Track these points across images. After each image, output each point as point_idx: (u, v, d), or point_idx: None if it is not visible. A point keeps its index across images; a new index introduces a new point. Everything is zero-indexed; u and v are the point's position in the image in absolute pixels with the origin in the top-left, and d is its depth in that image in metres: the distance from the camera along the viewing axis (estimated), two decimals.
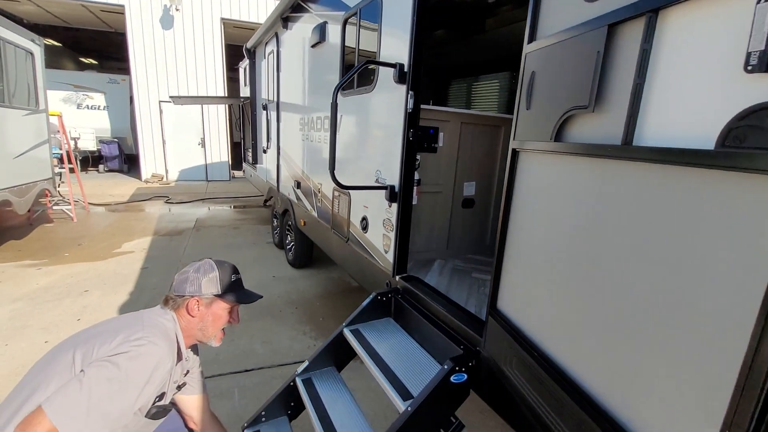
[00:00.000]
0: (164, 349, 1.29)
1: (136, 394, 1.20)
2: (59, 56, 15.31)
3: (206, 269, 1.47)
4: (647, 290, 0.89)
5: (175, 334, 1.40)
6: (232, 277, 1.51)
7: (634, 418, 0.93)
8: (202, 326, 1.46)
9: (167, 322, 1.40)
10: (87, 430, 1.11)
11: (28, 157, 5.79)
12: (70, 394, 1.10)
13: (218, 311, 1.47)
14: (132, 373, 1.18)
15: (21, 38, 5.65)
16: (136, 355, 1.20)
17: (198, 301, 1.43)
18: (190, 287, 1.43)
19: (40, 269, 4.80)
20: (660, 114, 0.87)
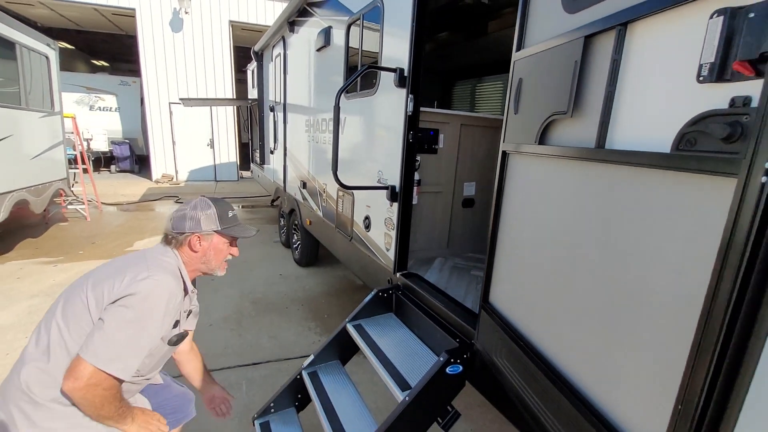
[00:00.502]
0: (172, 284, 1.35)
1: (157, 327, 1.31)
2: (72, 59, 15.63)
3: (203, 206, 1.50)
4: (618, 282, 0.97)
5: (179, 270, 1.46)
6: (228, 213, 1.54)
7: (606, 399, 1.01)
8: (206, 260, 1.52)
9: (170, 259, 1.45)
10: (127, 365, 1.25)
11: (44, 158, 5.97)
12: (98, 341, 1.20)
13: (219, 245, 1.52)
14: (147, 311, 1.27)
15: (37, 42, 5.83)
16: (146, 295, 1.27)
17: (199, 238, 1.48)
18: (190, 224, 1.46)
19: (56, 266, 4.97)
20: (628, 119, 0.95)
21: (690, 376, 0.76)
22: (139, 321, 1.26)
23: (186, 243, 1.48)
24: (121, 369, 1.23)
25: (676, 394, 0.79)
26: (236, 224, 1.56)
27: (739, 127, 0.69)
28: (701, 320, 0.75)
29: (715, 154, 0.74)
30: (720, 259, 0.71)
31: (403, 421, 1.70)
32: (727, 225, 0.70)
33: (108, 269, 1.39)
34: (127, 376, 1.26)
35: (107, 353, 1.20)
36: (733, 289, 0.69)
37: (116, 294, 1.26)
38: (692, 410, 0.76)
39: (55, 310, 1.33)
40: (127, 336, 1.24)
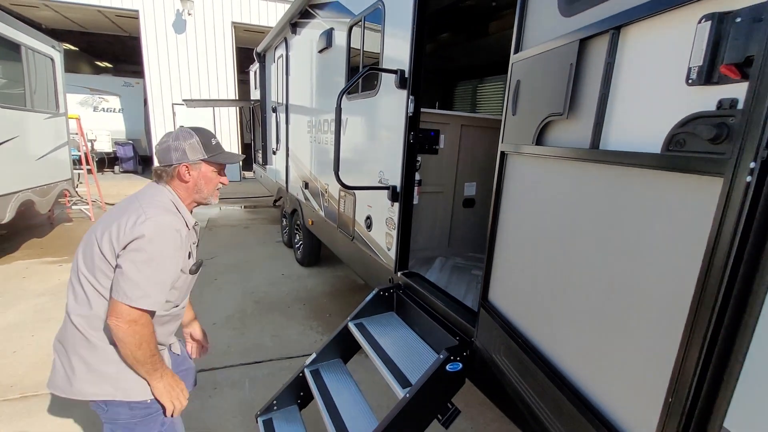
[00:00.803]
0: (172, 220, 1.39)
1: (172, 262, 1.39)
2: (76, 60, 15.75)
3: (185, 136, 1.48)
4: (611, 279, 0.99)
5: (174, 204, 1.48)
6: (212, 141, 1.53)
7: (601, 394, 1.03)
8: (198, 189, 1.53)
9: (162, 197, 1.47)
10: (156, 299, 1.34)
11: (49, 159, 6.03)
12: (124, 284, 1.29)
13: (207, 174, 1.52)
14: (157, 250, 1.33)
15: (42, 44, 5.89)
16: (152, 236, 1.32)
17: (187, 167, 1.48)
18: (175, 154, 1.46)
19: (61, 266, 5.02)
20: (621, 121, 0.98)
21: (680, 370, 0.79)
22: (153, 260, 1.32)
23: (175, 175, 1.48)
24: (151, 303, 1.33)
25: (666, 387, 0.82)
26: (221, 151, 1.56)
27: (725, 128, 0.72)
28: (690, 315, 0.77)
29: (703, 155, 0.76)
30: (707, 255, 0.73)
31: (404, 418, 1.72)
32: (714, 222, 0.72)
33: (110, 216, 1.42)
34: (159, 308, 1.38)
35: (135, 293, 1.29)
36: (721, 284, 0.72)
37: (124, 239, 1.32)
38: (682, 402, 0.78)
39: (77, 264, 1.39)
40: (146, 276, 1.31)
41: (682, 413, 0.78)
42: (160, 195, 1.47)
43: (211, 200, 1.60)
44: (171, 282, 1.40)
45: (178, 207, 1.49)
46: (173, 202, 1.48)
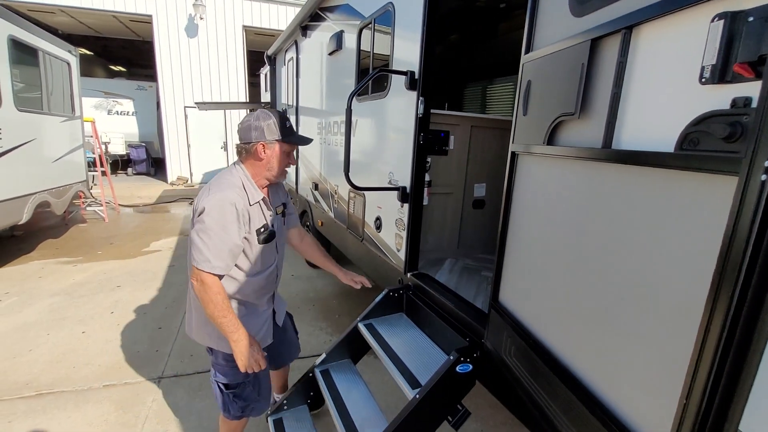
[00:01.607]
0: (231, 196, 1.59)
1: (230, 232, 1.59)
2: (91, 64, 16.04)
3: (264, 117, 1.66)
4: (625, 281, 0.99)
5: (242, 182, 1.68)
6: (286, 123, 1.70)
7: (614, 396, 1.03)
8: (270, 167, 1.71)
9: (232, 177, 1.68)
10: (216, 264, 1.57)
11: (65, 161, 6.16)
12: (193, 250, 1.59)
13: (280, 153, 1.70)
14: (213, 221, 1.55)
15: (59, 50, 6.03)
16: (209, 209, 1.56)
17: (263, 146, 1.66)
18: (255, 133, 1.65)
19: (76, 266, 5.12)
20: (634, 120, 0.97)
21: (695, 371, 0.78)
22: (211, 229, 1.55)
23: (252, 152, 1.68)
24: (211, 267, 1.56)
25: (681, 388, 0.81)
26: (294, 133, 1.73)
27: (739, 126, 0.71)
28: (705, 316, 0.76)
29: (717, 154, 0.75)
30: (722, 255, 0.73)
31: (413, 419, 1.72)
32: (728, 222, 0.72)
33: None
34: (220, 272, 1.59)
35: (199, 257, 1.56)
36: (736, 284, 0.71)
37: (194, 212, 1.61)
38: (697, 404, 0.78)
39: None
40: (206, 243, 1.55)
41: (697, 415, 0.78)
42: (230, 175, 1.69)
43: (280, 179, 1.80)
44: (229, 249, 1.60)
45: (245, 184, 1.69)
46: (242, 180, 1.69)
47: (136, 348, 3.28)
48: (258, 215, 1.73)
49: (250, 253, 1.74)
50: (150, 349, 3.27)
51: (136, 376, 2.92)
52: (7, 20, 4.69)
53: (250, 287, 1.80)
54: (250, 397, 1.86)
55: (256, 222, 1.72)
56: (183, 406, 2.63)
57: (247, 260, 1.74)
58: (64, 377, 2.87)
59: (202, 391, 2.78)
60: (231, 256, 1.63)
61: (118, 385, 2.81)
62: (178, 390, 2.78)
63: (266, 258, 1.83)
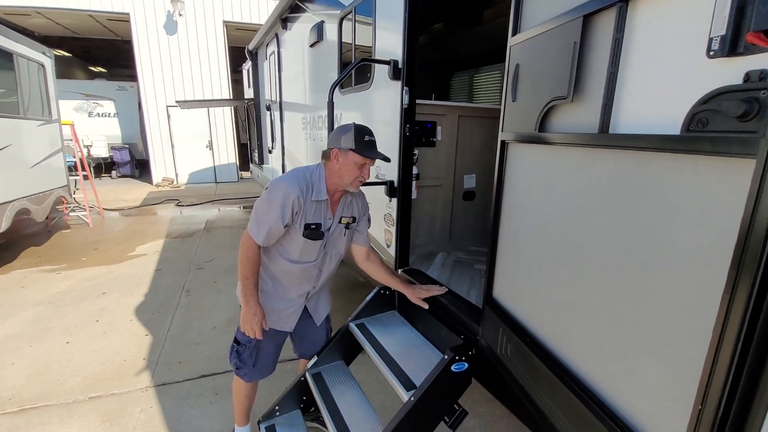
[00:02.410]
0: (291, 186, 1.74)
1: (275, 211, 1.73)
2: (69, 66, 15.62)
3: (346, 129, 1.78)
4: (627, 274, 0.92)
5: (312, 176, 1.83)
6: (365, 138, 1.78)
7: (618, 396, 0.96)
8: (341, 173, 1.80)
9: (308, 170, 1.85)
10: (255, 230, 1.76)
11: (44, 166, 5.97)
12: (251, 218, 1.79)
13: (351, 161, 1.77)
14: (267, 200, 1.75)
15: (32, 51, 5.81)
16: (270, 189, 1.76)
17: (338, 152, 1.77)
18: (334, 142, 1.79)
19: (60, 274, 4.97)
20: (633, 101, 0.89)
21: (710, 374, 0.71)
22: (263, 204, 1.76)
23: (329, 156, 1.81)
24: (254, 233, 1.76)
25: (695, 392, 0.74)
26: (369, 147, 1.79)
27: (756, 103, 0.64)
28: (721, 313, 0.69)
29: (731, 134, 0.68)
30: (740, 246, 0.66)
31: (409, 422, 1.66)
32: (746, 209, 0.64)
33: None
34: (257, 240, 1.76)
35: (250, 221, 1.79)
36: (755, 277, 0.64)
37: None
38: (714, 409, 0.71)
39: None
40: (256, 212, 1.77)
41: (714, 422, 0.71)
42: (308, 169, 1.86)
43: (351, 188, 1.85)
44: (269, 225, 1.74)
45: (315, 181, 1.82)
46: (315, 176, 1.83)
47: (122, 357, 3.17)
48: (315, 212, 1.85)
49: (292, 241, 1.87)
50: (137, 358, 3.16)
51: (123, 386, 2.81)
52: None
53: (283, 269, 1.94)
54: (246, 361, 2.04)
55: (310, 217, 1.83)
56: (172, 415, 2.54)
57: (289, 245, 1.88)
58: (49, 390, 2.76)
59: (192, 398, 2.69)
60: (269, 233, 1.77)
61: (104, 397, 2.71)
62: (167, 399, 2.69)
63: (307, 252, 1.91)
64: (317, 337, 2.28)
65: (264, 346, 2.04)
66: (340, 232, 1.98)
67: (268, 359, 2.11)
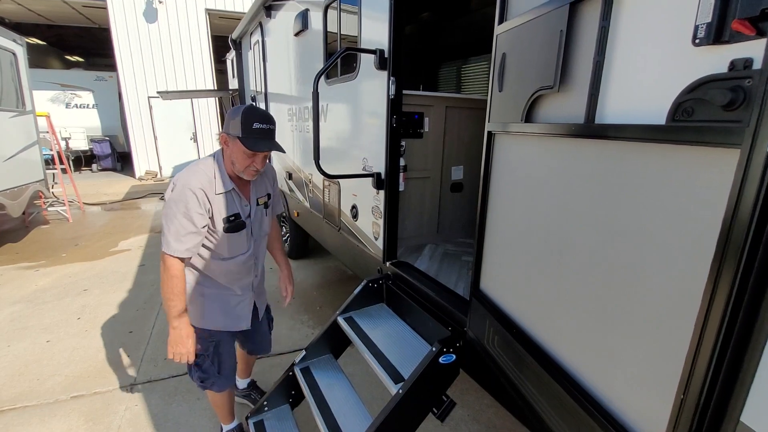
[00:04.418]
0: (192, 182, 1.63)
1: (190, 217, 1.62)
2: (44, 55, 15.09)
3: (236, 113, 1.63)
4: (612, 264, 0.92)
5: (209, 168, 1.71)
6: (254, 125, 1.62)
7: (603, 387, 0.97)
8: (233, 160, 1.69)
9: (205, 163, 1.73)
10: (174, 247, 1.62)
11: (18, 160, 5.76)
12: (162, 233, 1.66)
13: (239, 150, 1.64)
14: (176, 207, 1.62)
15: (2, 39, 5.57)
16: (173, 195, 1.63)
17: (226, 138, 1.68)
18: (225, 125, 1.69)
19: (38, 271, 4.84)
20: (619, 91, 0.89)
21: (692, 363, 0.72)
22: (173, 214, 1.61)
23: (220, 141, 1.73)
24: (173, 250, 1.62)
25: (677, 382, 0.75)
26: (256, 136, 1.63)
27: (741, 92, 0.63)
28: (704, 303, 0.70)
29: (716, 124, 0.67)
30: (723, 236, 0.66)
31: (398, 414, 1.66)
32: (730, 199, 0.64)
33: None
34: (180, 255, 1.63)
35: (163, 240, 1.64)
36: (738, 268, 0.64)
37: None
38: (696, 398, 0.72)
39: None
40: (168, 227, 1.62)
41: (696, 409, 0.72)
42: (204, 162, 1.73)
43: (245, 176, 1.73)
44: (188, 233, 1.63)
45: (216, 171, 1.71)
46: (214, 167, 1.71)
47: (105, 354, 3.11)
48: (228, 204, 1.74)
49: (215, 239, 1.77)
50: (121, 355, 3.10)
51: (106, 385, 2.76)
52: None
53: (218, 270, 1.84)
54: (209, 371, 1.93)
55: (223, 210, 1.72)
56: (158, 413, 2.50)
57: (212, 245, 1.78)
58: (28, 390, 2.70)
59: (178, 395, 2.66)
60: (191, 241, 1.66)
61: (87, 396, 2.66)
62: (153, 396, 2.65)
63: (235, 245, 1.83)
64: (263, 330, 2.26)
65: (224, 350, 1.97)
66: (261, 214, 1.92)
67: (232, 361, 2.06)
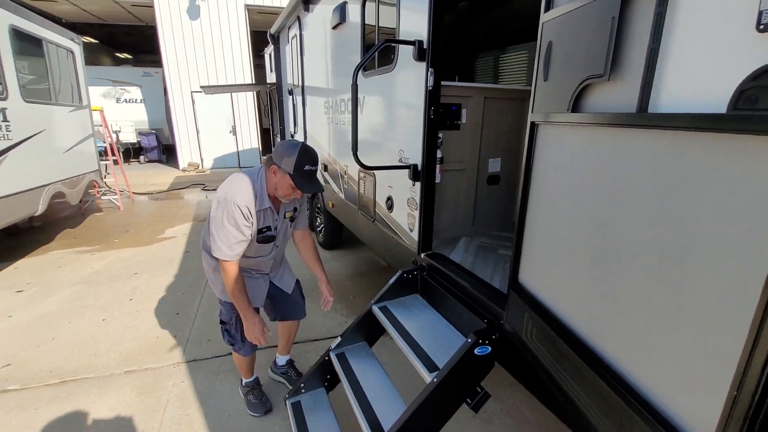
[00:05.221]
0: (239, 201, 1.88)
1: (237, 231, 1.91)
2: (96, 53, 16.00)
3: (291, 152, 1.87)
4: (664, 259, 0.89)
5: (254, 185, 1.96)
6: (305, 167, 1.88)
7: (648, 381, 0.95)
8: (278, 187, 1.96)
9: (251, 181, 1.96)
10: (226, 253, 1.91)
11: (76, 151, 6.18)
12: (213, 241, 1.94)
13: (286, 183, 1.91)
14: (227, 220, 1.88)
15: (62, 38, 5.96)
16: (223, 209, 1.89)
17: (277, 169, 1.91)
18: (276, 158, 1.91)
19: (94, 255, 5.20)
20: (675, 79, 0.85)
21: (748, 361, 0.70)
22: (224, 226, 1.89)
23: (269, 168, 1.95)
24: (227, 256, 1.92)
25: (731, 379, 0.73)
26: (305, 177, 1.89)
27: None
28: (762, 300, 0.67)
29: None
30: None
31: (432, 402, 1.68)
32: None
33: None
34: (233, 259, 1.94)
35: (216, 248, 1.93)
36: None
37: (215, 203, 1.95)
38: (750, 397, 0.69)
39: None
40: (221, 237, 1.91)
41: (749, 407, 0.69)
42: (249, 179, 1.96)
43: (283, 200, 2.03)
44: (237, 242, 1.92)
45: (258, 190, 1.96)
46: (259, 185, 1.97)
47: (155, 334, 3.32)
48: (263, 218, 2.03)
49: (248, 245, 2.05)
50: (169, 335, 3.31)
51: (156, 362, 2.96)
52: (6, 9, 4.61)
53: (246, 263, 2.19)
54: (235, 336, 2.27)
55: (260, 223, 2.02)
56: (203, 390, 2.65)
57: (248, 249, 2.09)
58: (87, 364, 2.93)
59: (221, 374, 2.80)
60: (240, 247, 1.97)
61: (139, 371, 2.86)
62: (198, 374, 2.81)
63: (260, 249, 2.16)
64: (295, 299, 2.54)
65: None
66: (286, 226, 2.24)
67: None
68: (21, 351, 3.08)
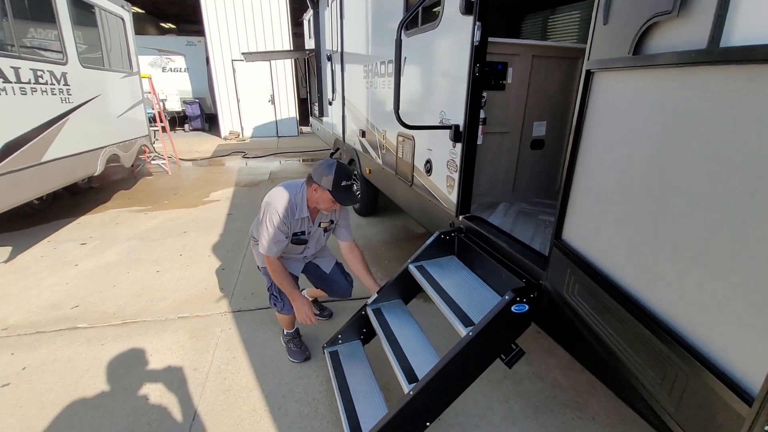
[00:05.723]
0: (284, 211, 2.22)
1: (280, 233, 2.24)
2: (142, 22, 16.44)
3: (329, 171, 2.13)
4: (728, 208, 0.86)
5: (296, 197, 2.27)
6: (342, 183, 2.15)
7: (701, 333, 0.93)
8: (318, 201, 2.24)
9: (294, 194, 2.27)
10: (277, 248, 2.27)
11: (128, 117, 6.50)
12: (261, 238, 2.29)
13: (326, 198, 2.18)
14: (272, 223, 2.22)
15: (113, 5, 6.17)
16: (271, 214, 2.22)
17: (317, 187, 2.18)
18: (316, 177, 2.17)
19: (146, 214, 5.55)
20: (751, 8, 0.79)
21: None
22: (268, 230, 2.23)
23: (310, 186, 2.24)
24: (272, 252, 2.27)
25: None
26: (342, 192, 2.16)
27: None
28: None
29: None
30: None
31: (465, 355, 1.72)
32: None
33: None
34: (276, 255, 2.29)
35: (263, 245, 2.28)
36: None
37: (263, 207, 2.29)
38: None
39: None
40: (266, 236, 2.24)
41: None
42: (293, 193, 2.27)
43: (324, 212, 2.35)
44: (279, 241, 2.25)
45: (299, 202, 2.27)
46: (300, 197, 2.28)
47: (203, 285, 3.55)
48: (299, 224, 2.35)
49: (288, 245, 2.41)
50: (216, 287, 3.53)
51: (205, 310, 3.18)
52: None
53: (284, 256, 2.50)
54: (278, 297, 2.49)
55: (296, 228, 2.35)
56: (247, 337, 2.84)
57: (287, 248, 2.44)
58: (144, 309, 3.19)
59: (264, 324, 2.98)
60: (282, 244, 2.30)
61: (190, 318, 3.08)
62: (242, 323, 3.00)
63: (293, 250, 2.50)
64: (336, 277, 2.74)
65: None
66: (319, 234, 2.53)
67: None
68: (88, 295, 3.39)
